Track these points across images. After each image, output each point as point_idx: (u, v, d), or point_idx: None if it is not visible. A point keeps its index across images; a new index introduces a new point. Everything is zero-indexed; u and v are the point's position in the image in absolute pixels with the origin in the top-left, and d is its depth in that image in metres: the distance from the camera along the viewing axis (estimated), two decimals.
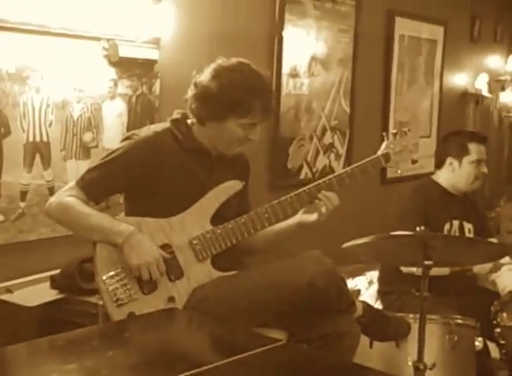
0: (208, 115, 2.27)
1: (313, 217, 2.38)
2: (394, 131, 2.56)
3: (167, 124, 2.36)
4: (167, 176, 2.28)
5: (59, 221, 2.29)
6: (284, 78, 3.86)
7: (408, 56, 4.87)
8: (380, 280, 3.32)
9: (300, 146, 4.05)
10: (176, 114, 2.39)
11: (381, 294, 3.26)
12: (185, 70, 2.41)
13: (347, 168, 2.45)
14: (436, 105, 5.23)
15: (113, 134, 3.03)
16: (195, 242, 2.30)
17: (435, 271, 2.32)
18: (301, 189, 2.39)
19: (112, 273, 2.23)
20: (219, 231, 2.31)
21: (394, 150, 2.51)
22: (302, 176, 4.05)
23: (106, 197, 2.47)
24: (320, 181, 2.41)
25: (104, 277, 2.22)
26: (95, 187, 2.27)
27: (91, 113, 2.96)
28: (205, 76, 2.27)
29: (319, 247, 2.36)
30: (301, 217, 2.41)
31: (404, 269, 3.01)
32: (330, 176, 2.42)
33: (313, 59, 4.06)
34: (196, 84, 2.28)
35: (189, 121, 2.36)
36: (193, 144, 2.33)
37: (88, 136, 2.97)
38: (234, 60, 2.29)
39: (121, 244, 2.20)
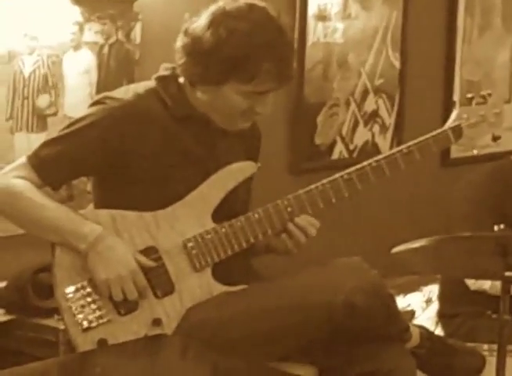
0: (199, 76, 2.27)
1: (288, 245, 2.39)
2: (470, 95, 2.54)
3: (151, 84, 2.36)
4: (153, 154, 2.28)
5: (1, 211, 2.29)
6: (310, 22, 3.83)
7: None
8: (442, 297, 3.31)
9: (332, 115, 4.02)
10: (164, 70, 2.38)
11: (443, 316, 3.25)
12: (176, 9, 2.42)
13: (403, 146, 2.44)
14: None
15: (77, 97, 3.02)
16: (190, 245, 2.30)
17: None
18: (337, 175, 2.38)
19: (77, 286, 2.23)
20: (224, 230, 2.31)
21: (468, 122, 2.50)
22: (335, 156, 4.04)
23: (68, 181, 2.47)
24: (365, 163, 2.40)
25: (66, 291, 2.22)
26: (52, 167, 2.27)
27: (47, 69, 2.95)
28: (200, 22, 2.26)
29: (360, 253, 2.35)
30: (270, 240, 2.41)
31: (472, 285, 3.01)
32: (379, 157, 2.41)
33: None
34: (186, 33, 2.28)
35: (181, 80, 2.35)
36: (187, 110, 2.33)
37: (43, 100, 2.96)
38: (242, 2, 2.28)
39: (85, 252, 2.21)
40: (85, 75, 3.06)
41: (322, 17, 3.90)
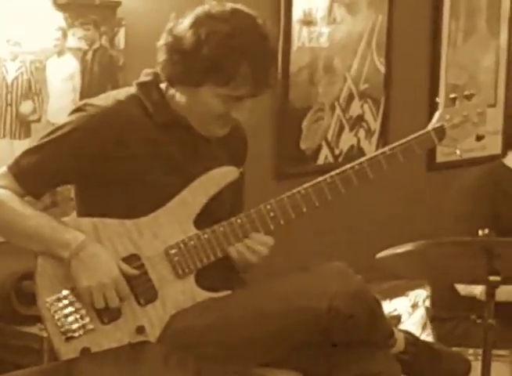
0: (178, 75, 2.27)
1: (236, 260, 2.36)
2: (453, 95, 2.53)
3: (132, 90, 2.35)
4: (134, 161, 2.27)
5: None
6: (295, 27, 3.84)
7: None
8: (433, 301, 3.31)
9: (317, 120, 4.03)
10: (145, 76, 2.38)
11: (435, 320, 3.25)
12: (161, 15, 2.40)
13: (386, 148, 2.43)
14: (503, 62, 5.19)
15: (61, 103, 3.01)
16: (173, 252, 2.29)
17: (504, 294, 2.29)
18: (320, 178, 2.37)
19: (59, 295, 2.22)
20: (206, 236, 2.30)
21: (451, 123, 2.49)
22: (321, 161, 4.04)
23: (49, 189, 2.47)
24: (347, 166, 2.39)
25: (48, 301, 2.21)
26: (33, 176, 2.27)
27: (31, 75, 2.94)
28: (184, 23, 2.26)
29: (345, 258, 2.34)
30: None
31: (462, 291, 3.01)
32: (362, 159, 2.41)
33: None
34: (170, 32, 2.28)
35: (162, 85, 2.35)
36: (169, 116, 2.32)
37: (27, 106, 2.96)
38: (228, 6, 2.28)
39: (68, 259, 2.21)
40: (69, 81, 3.05)
41: (308, 22, 3.90)
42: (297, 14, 3.84)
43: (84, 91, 3.07)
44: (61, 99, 3.03)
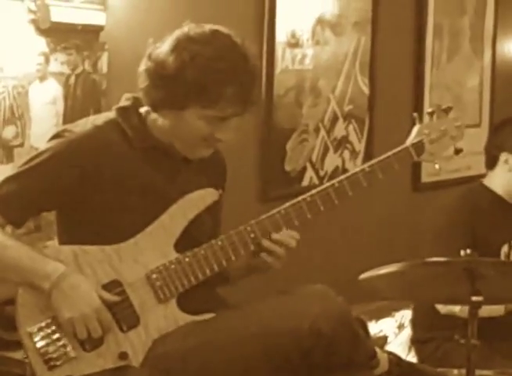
0: (162, 100, 2.28)
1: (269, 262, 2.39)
2: (430, 109, 2.54)
3: (111, 115, 2.37)
4: (114, 187, 2.28)
5: None
6: (279, 49, 3.84)
7: (448, 15, 4.86)
8: (415, 323, 3.31)
9: (302, 141, 4.03)
10: (125, 101, 2.39)
11: (416, 342, 3.25)
12: (142, 39, 2.41)
13: (365, 165, 2.44)
14: (487, 82, 5.22)
15: (44, 128, 3.00)
16: (154, 277, 2.29)
17: (486, 311, 2.30)
18: (299, 198, 2.38)
19: (41, 325, 2.22)
20: (187, 260, 2.30)
21: (429, 137, 2.50)
22: (305, 182, 4.05)
23: (30, 217, 2.45)
24: (327, 184, 2.40)
25: (30, 330, 2.21)
26: (13, 205, 2.27)
27: (13, 100, 2.93)
28: (164, 47, 2.28)
29: (327, 279, 2.36)
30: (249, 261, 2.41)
31: (442, 309, 3.01)
32: (342, 177, 2.41)
33: (319, 21, 4.05)
34: (150, 57, 2.29)
35: (142, 110, 2.36)
36: (148, 141, 2.33)
37: (9, 131, 2.95)
38: (207, 28, 2.30)
39: (49, 291, 2.20)
40: (52, 106, 3.05)
41: (292, 44, 3.92)
42: (281, 36, 3.84)
43: (67, 115, 3.06)
44: (44, 124, 3.02)
